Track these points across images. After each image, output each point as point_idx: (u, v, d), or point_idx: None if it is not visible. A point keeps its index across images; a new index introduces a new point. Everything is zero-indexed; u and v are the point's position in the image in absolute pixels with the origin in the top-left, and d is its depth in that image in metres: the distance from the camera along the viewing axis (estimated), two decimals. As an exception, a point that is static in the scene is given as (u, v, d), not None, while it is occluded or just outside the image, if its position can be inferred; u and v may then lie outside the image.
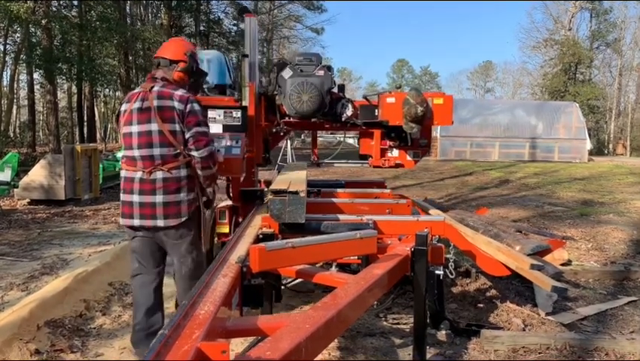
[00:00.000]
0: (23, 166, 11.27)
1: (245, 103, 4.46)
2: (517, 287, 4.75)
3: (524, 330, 3.81)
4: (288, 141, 15.34)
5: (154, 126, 2.95)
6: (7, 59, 23.51)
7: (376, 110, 5.01)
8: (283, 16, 36.26)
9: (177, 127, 2.97)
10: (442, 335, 3.66)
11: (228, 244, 2.83)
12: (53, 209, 9.03)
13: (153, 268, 3.15)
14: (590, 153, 25.10)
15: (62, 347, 3.39)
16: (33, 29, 20.14)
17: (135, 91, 3.13)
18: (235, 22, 29.44)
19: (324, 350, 2.77)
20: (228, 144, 3.75)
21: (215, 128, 4.00)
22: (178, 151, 2.98)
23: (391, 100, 4.79)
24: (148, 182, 2.97)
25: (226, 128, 4.09)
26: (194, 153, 2.99)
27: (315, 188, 4.90)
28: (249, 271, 2.32)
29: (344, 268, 3.71)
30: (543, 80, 41.36)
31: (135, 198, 2.99)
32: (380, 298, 2.91)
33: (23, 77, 28.30)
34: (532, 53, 43.37)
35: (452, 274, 3.75)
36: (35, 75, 23.67)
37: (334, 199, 4.46)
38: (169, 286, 3.58)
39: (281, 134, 5.54)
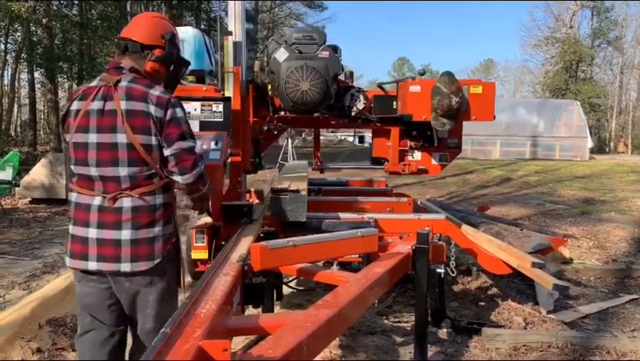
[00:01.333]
0: (24, 165, 11.28)
1: (228, 93, 3.60)
2: (518, 285, 4.75)
3: (525, 328, 3.81)
4: (289, 140, 15.28)
5: (122, 138, 2.12)
6: (8, 57, 23.53)
7: (395, 103, 4.17)
8: (284, 14, 36.21)
9: (153, 140, 2.14)
10: (443, 333, 3.66)
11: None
12: (54, 208, 9.04)
13: (113, 325, 2.27)
14: (591, 151, 25.06)
15: (63, 346, 3.39)
16: (34, 28, 20.14)
17: (93, 84, 2.25)
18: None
19: (326, 348, 2.77)
20: (205, 146, 3.00)
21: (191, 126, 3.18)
22: (153, 171, 2.17)
23: (415, 89, 3.89)
24: (111, 211, 2.14)
25: (204, 125, 3.30)
26: (177, 178, 2.21)
27: (316, 186, 4.85)
28: (250, 269, 2.33)
29: (345, 266, 3.71)
30: (544, 78, 41.27)
31: (92, 232, 2.15)
32: (381, 296, 2.91)
33: (24, 75, 28.22)
34: (533, 51, 43.25)
35: (453, 272, 3.75)
36: (36, 74, 23.65)
37: (335, 198, 4.46)
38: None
39: (275, 133, 4.55)
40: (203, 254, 3.13)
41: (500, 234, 4.23)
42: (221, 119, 3.32)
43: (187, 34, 3.81)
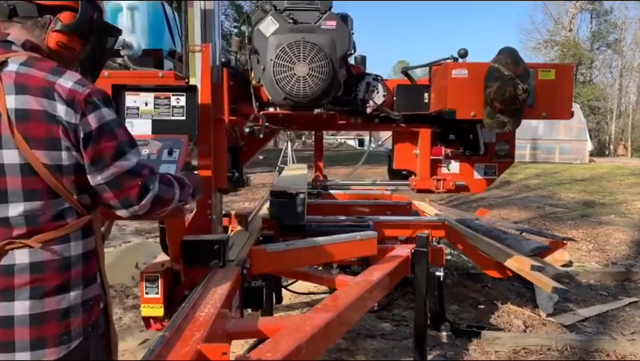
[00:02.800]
0: None
1: (194, 81, 2.50)
2: (518, 288, 4.75)
3: (525, 331, 3.82)
4: (289, 143, 15.23)
5: (10, 156, 1.38)
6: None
7: (426, 95, 3.15)
8: None
9: (64, 158, 1.40)
10: (443, 336, 3.66)
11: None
12: None
13: None
14: (591, 154, 25.07)
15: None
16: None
17: None
18: (236, 24, 29.44)
19: (325, 351, 2.78)
20: (155, 156, 2.01)
21: (140, 128, 2.20)
22: (67, 205, 1.44)
23: (460, 74, 2.83)
24: None
25: (158, 126, 2.23)
26: (121, 213, 1.52)
27: (316, 189, 4.83)
28: (249, 273, 2.33)
29: (345, 269, 3.72)
30: (543, 81, 41.30)
31: None
32: (381, 299, 2.91)
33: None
34: (533, 54, 43.13)
35: (452, 275, 3.75)
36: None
37: (334, 201, 4.46)
38: None
39: (261, 136, 3.14)
40: (157, 310, 2.23)
41: (499, 237, 4.22)
42: (183, 117, 2.24)
43: (141, 2, 2.80)
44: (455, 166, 3.33)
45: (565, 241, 5.73)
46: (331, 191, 4.67)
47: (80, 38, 1.54)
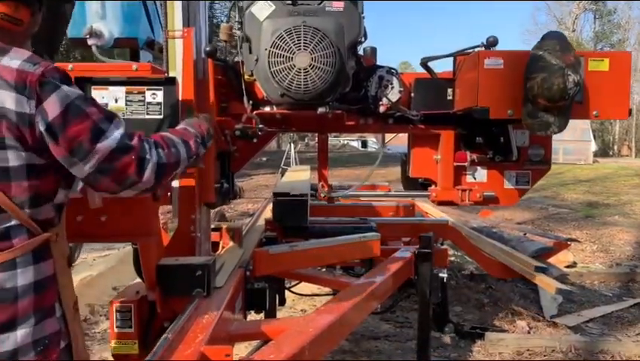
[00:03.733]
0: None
1: (173, 74, 2.03)
2: (522, 290, 4.74)
3: (529, 333, 3.80)
4: (292, 144, 15.19)
5: None
6: None
7: (449, 90, 2.72)
8: None
9: (10, 157, 1.15)
10: (446, 337, 3.66)
11: None
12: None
13: None
14: (595, 154, 25.02)
15: (67, 351, 3.37)
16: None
17: None
18: (239, 27, 29.43)
19: (328, 353, 2.77)
20: None
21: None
22: (14, 223, 1.17)
23: (494, 63, 2.36)
24: None
25: (131, 126, 1.53)
26: (127, 194, 1.29)
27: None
28: (252, 274, 2.32)
29: (348, 271, 3.71)
30: (547, 81, 41.29)
31: None
32: (384, 301, 2.90)
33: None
34: (536, 55, 43.22)
35: (456, 276, 3.74)
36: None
37: (338, 202, 4.45)
38: None
39: (254, 140, 2.47)
40: (131, 347, 1.90)
41: (502, 238, 4.21)
42: (160, 115, 1.81)
43: None
44: (482, 174, 2.87)
45: (568, 242, 5.72)
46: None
47: (26, 6, 1.23)
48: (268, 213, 3.57)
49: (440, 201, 2.92)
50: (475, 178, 2.87)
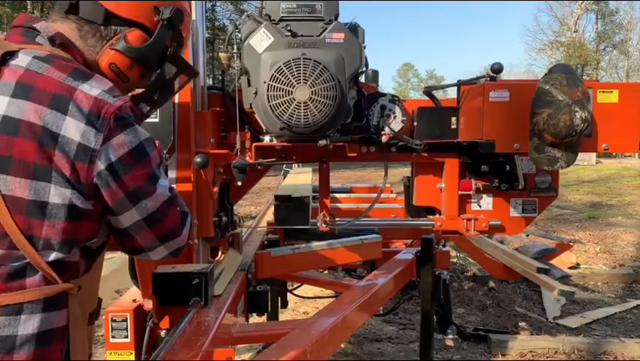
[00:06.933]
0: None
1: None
2: (525, 291, 4.73)
3: (532, 334, 3.79)
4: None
5: None
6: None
7: (453, 119, 2.71)
8: None
9: (51, 194, 0.99)
10: (449, 339, 3.65)
11: None
12: None
13: None
14: (598, 155, 24.94)
15: (70, 354, 3.36)
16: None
17: None
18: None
19: (330, 355, 2.77)
20: None
21: None
22: (25, 262, 0.99)
23: (499, 96, 2.37)
24: None
25: None
26: (156, 255, 1.22)
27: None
28: (254, 277, 2.33)
29: (350, 273, 3.71)
30: (549, 82, 41.21)
31: None
32: (386, 303, 2.91)
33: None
34: (538, 56, 43.16)
35: (458, 278, 3.74)
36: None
37: (339, 205, 4.46)
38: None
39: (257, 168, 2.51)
40: (127, 357, 1.88)
41: (505, 239, 4.21)
42: (156, 119, 1.89)
43: None
44: (487, 202, 2.82)
45: (571, 243, 5.72)
46: (336, 195, 4.66)
47: (141, 68, 1.19)
48: (270, 215, 3.58)
49: (445, 230, 2.85)
50: (480, 206, 2.81)
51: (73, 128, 0.98)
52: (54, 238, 1.00)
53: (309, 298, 4.42)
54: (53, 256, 1.00)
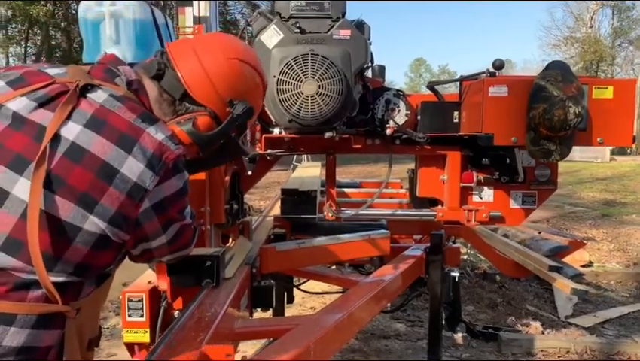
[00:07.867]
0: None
1: None
2: (536, 289, 4.66)
3: (543, 333, 3.73)
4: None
5: (21, 187, 1.01)
6: (28, 61, 23.97)
7: (455, 113, 2.79)
8: None
9: (87, 222, 1.03)
10: (458, 337, 3.60)
11: None
12: None
13: None
14: (612, 152, 24.66)
15: (75, 347, 3.37)
16: (53, 32, 20.50)
17: (45, 70, 1.16)
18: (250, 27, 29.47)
19: (337, 352, 2.73)
20: None
21: None
22: (26, 278, 1.00)
23: (498, 91, 2.44)
24: None
25: None
26: (167, 260, 1.36)
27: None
28: (259, 272, 2.29)
29: (357, 268, 3.67)
30: (563, 78, 40.80)
31: None
32: (395, 299, 2.86)
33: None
34: (552, 51, 42.65)
35: (468, 275, 3.68)
36: (55, 77, 24.08)
37: (348, 199, 4.41)
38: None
39: (264, 160, 2.83)
40: (142, 336, 1.97)
41: (516, 236, 4.14)
42: None
43: (126, 7, 2.26)
44: (488, 194, 2.93)
45: (584, 241, 5.62)
46: (344, 189, 4.62)
47: (198, 150, 1.27)
48: (277, 209, 3.54)
49: (447, 221, 2.97)
50: (481, 198, 2.93)
51: (133, 169, 1.06)
52: (74, 261, 1.03)
53: (315, 293, 4.39)
54: (63, 278, 1.03)
